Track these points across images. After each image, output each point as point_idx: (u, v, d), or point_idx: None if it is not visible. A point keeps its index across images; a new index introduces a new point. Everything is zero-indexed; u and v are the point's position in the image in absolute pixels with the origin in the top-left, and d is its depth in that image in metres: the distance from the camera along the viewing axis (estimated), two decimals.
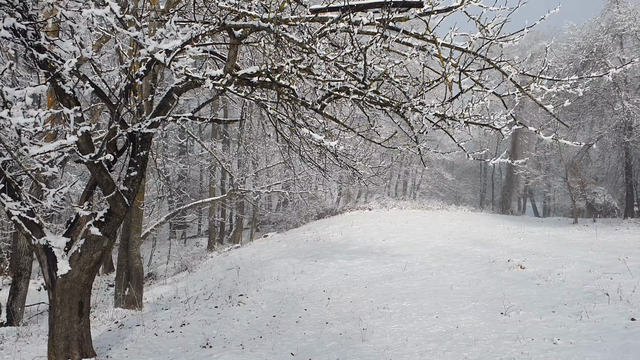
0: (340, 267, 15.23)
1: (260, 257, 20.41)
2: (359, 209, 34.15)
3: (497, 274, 12.19)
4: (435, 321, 8.26)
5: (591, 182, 31.63)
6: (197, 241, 41.12)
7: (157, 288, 19.36)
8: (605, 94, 28.90)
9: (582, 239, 19.41)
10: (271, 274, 14.70)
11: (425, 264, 14.72)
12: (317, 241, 21.87)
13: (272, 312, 9.69)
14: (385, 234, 22.17)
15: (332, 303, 10.24)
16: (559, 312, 8.22)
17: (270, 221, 40.54)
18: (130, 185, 6.70)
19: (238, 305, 10.10)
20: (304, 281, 13.05)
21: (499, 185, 51.20)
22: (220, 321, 8.89)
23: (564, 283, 10.52)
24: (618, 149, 29.68)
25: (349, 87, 6.40)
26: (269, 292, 11.64)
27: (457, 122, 7.03)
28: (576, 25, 31.41)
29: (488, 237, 20.24)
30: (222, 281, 15.49)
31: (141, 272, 12.16)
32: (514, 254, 15.07)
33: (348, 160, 9.56)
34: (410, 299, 10.01)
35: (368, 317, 8.79)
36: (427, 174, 45.45)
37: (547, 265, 12.80)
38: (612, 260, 12.88)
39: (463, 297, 9.95)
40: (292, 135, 9.22)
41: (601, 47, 28.62)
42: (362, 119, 10.30)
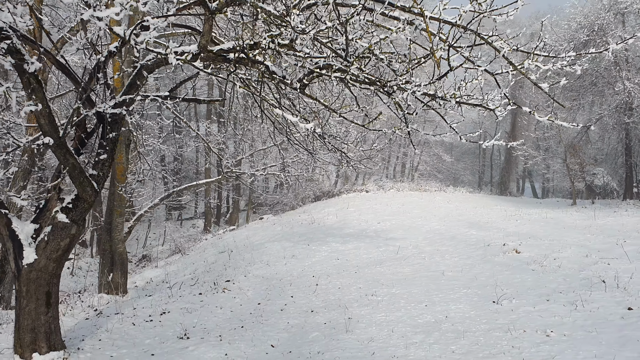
0: (332, 251, 14.93)
1: (254, 240, 20.11)
2: (356, 191, 33.81)
3: (491, 258, 11.87)
4: (424, 310, 7.94)
5: (590, 163, 31.24)
6: (193, 223, 40.93)
7: (148, 271, 19.09)
8: (606, 73, 28.34)
9: (580, 222, 19.06)
10: (262, 258, 14.40)
11: (419, 248, 14.41)
12: (311, 224, 21.57)
13: (257, 299, 9.38)
14: (381, 216, 21.86)
15: (320, 289, 9.93)
16: (553, 300, 7.90)
17: (266, 203, 40.26)
18: (99, 169, 6.32)
19: (223, 292, 9.80)
20: (294, 266, 12.74)
21: (497, 166, 50.82)
22: (202, 309, 8.58)
23: (560, 269, 10.20)
24: (618, 129, 29.25)
25: (332, 65, 5.99)
26: (257, 278, 11.34)
27: (448, 102, 6.65)
28: (577, 3, 30.73)
29: (485, 220, 19.92)
30: (213, 265, 15.20)
31: (125, 257, 11.82)
32: (509, 237, 14.75)
33: (337, 143, 9.19)
34: (400, 286, 9.70)
35: (355, 305, 8.47)
36: (426, 156, 45.06)
37: (543, 249, 12.48)
38: (609, 245, 12.55)
39: (455, 283, 9.63)
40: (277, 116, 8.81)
41: (602, 25, 28.00)
42: (356, 99, 9.90)
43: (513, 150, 37.66)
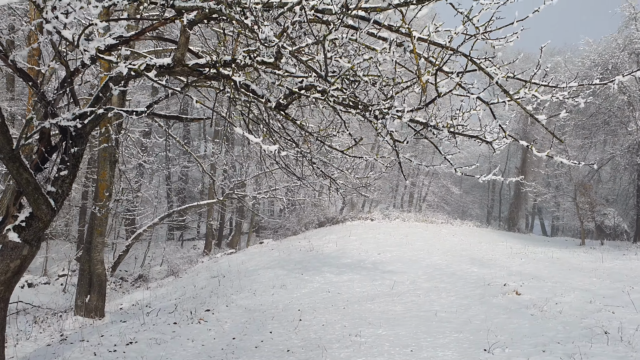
0: (325, 282, 14.32)
1: (249, 265, 19.56)
2: (360, 218, 33.24)
3: (489, 299, 11.21)
4: (408, 356, 7.31)
5: (601, 203, 30.46)
6: (194, 244, 40.39)
7: (137, 293, 18.59)
8: (619, 113, 27.81)
9: (587, 264, 18.32)
10: (251, 286, 13.83)
11: (416, 284, 13.78)
12: (309, 251, 20.98)
13: (233, 334, 8.79)
14: (382, 247, 21.23)
15: (302, 326, 9.31)
16: (549, 352, 7.24)
17: (269, 227, 39.75)
18: (58, 186, 5.85)
19: (199, 322, 9.22)
20: (282, 297, 12.14)
21: (507, 201, 49.99)
22: (172, 341, 8.02)
23: (561, 315, 9.53)
24: (630, 170, 28.57)
25: (316, 85, 5.54)
26: (239, 308, 10.76)
27: (441, 132, 6.17)
28: (592, 42, 30.39)
29: (488, 256, 19.23)
30: (201, 291, 14.65)
31: (104, 278, 11.30)
32: (511, 277, 14.06)
33: (328, 169, 8.71)
34: (388, 326, 9.07)
35: (335, 347, 7.86)
36: (434, 186, 44.49)
37: (546, 292, 11.80)
38: (616, 291, 11.85)
39: (447, 326, 8.98)
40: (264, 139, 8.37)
41: (617, 64, 27.58)
42: (344, 124, 9.38)
43: (522, 186, 36.94)
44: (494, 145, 6.16)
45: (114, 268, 27.46)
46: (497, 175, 6.60)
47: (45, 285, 23.60)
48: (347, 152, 5.92)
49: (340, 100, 5.21)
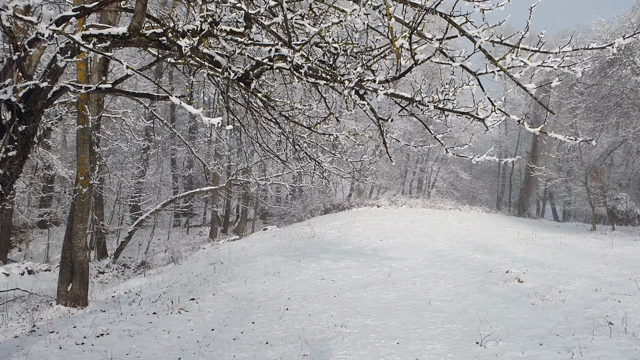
0: (321, 269, 13.86)
1: (248, 252, 19.16)
2: (366, 205, 32.69)
3: (489, 287, 10.67)
4: (394, 349, 6.82)
5: (613, 187, 29.67)
6: (200, 230, 40.15)
7: (133, 280, 18.28)
8: (632, 94, 26.88)
9: (595, 249, 17.67)
10: (245, 273, 13.40)
11: (415, 270, 13.27)
12: (311, 238, 20.52)
13: (213, 324, 8.35)
14: (385, 233, 20.71)
15: (288, 315, 8.85)
16: (547, 345, 6.72)
17: (275, 213, 39.40)
18: (6, 167, 5.40)
19: (179, 312, 8.79)
20: (273, 285, 11.70)
21: (517, 186, 49.11)
22: (147, 333, 7.59)
23: (563, 304, 8.98)
24: None
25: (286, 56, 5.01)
26: (226, 297, 10.32)
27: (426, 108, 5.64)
28: (604, 22, 29.36)
29: (494, 242, 18.64)
30: (195, 278, 14.27)
31: (86, 266, 10.90)
32: (515, 264, 13.50)
33: (313, 152, 8.19)
34: (377, 315, 8.58)
35: (317, 338, 7.38)
36: (444, 172, 43.75)
37: (549, 279, 11.23)
38: (624, 278, 11.25)
39: (440, 316, 8.48)
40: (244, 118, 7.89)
41: (630, 44, 26.58)
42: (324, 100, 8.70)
43: (532, 171, 36.12)
44: (486, 123, 5.60)
45: (117, 255, 27.28)
46: (492, 155, 6.09)
47: (45, 272, 23.36)
48: (314, 129, 5.38)
49: (306, 69, 4.67)
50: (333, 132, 5.94)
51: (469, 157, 6.11)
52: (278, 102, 5.39)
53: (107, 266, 26.98)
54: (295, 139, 7.62)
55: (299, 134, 7.74)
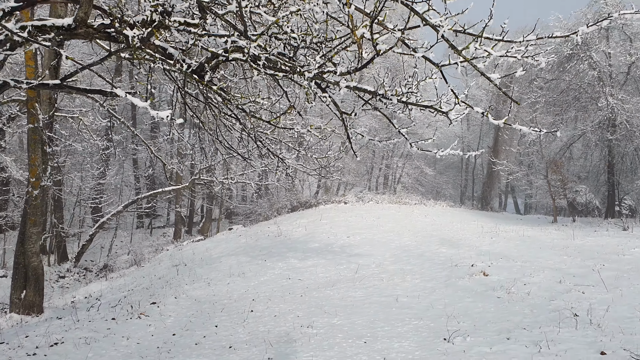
0: (288, 268, 13.65)
1: (213, 253, 18.79)
2: (334, 202, 32.58)
3: (455, 282, 10.66)
4: (362, 348, 6.67)
5: (573, 180, 30.34)
6: (164, 231, 39.37)
7: (94, 284, 17.74)
8: (590, 89, 27.51)
9: (558, 241, 17.94)
10: (209, 275, 13.08)
11: (382, 267, 13.20)
12: (277, 237, 20.27)
13: (174, 329, 8.05)
14: (352, 230, 20.62)
15: (252, 318, 8.61)
16: (514, 339, 6.68)
17: (241, 213, 38.94)
18: None
19: (139, 317, 8.46)
20: (238, 286, 11.43)
21: (480, 180, 49.84)
22: (105, 340, 7.25)
23: (529, 297, 9.01)
24: (601, 146, 28.42)
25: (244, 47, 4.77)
26: (189, 300, 10.01)
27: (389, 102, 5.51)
28: (562, 18, 29.95)
29: (458, 236, 18.75)
30: (158, 281, 13.87)
31: (41, 271, 10.43)
32: (480, 257, 13.56)
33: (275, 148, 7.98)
34: (344, 314, 8.43)
35: (283, 340, 7.18)
36: (409, 168, 44.05)
37: (514, 272, 11.30)
38: (586, 269, 11.39)
39: (407, 312, 8.38)
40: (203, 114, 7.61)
41: (586, 39, 27.21)
42: (286, 94, 8.46)
43: (494, 165, 36.66)
44: (450, 116, 5.50)
45: (78, 258, 26.52)
46: (456, 149, 6.02)
47: (2, 279, 22.47)
48: (274, 123, 5.17)
49: (264, 60, 4.45)
50: (294, 127, 5.73)
51: (433, 151, 6.03)
52: (235, 95, 5.15)
53: (67, 270, 26.18)
54: (256, 135, 7.40)
55: (261, 130, 7.52)
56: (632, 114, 25.60)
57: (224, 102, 5.18)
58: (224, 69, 7.49)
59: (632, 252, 13.09)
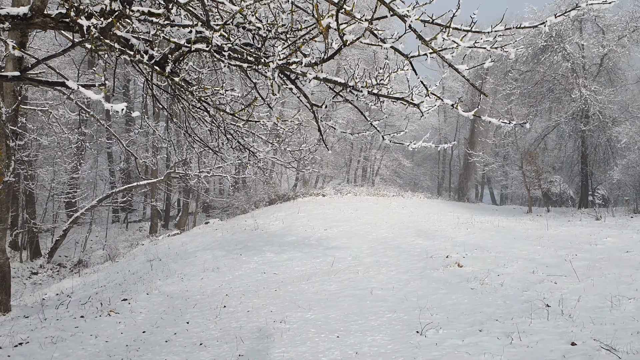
0: (263, 262, 13.54)
1: (188, 247, 18.56)
2: (312, 195, 32.50)
3: (430, 273, 10.68)
4: (334, 343, 6.61)
5: (547, 170, 30.72)
6: (140, 226, 38.92)
7: (66, 281, 17.41)
8: (563, 80, 27.84)
9: (532, 231, 18.13)
10: (183, 270, 12.91)
11: (358, 259, 13.17)
12: (254, 230, 20.13)
13: (145, 326, 7.91)
14: (330, 222, 20.58)
15: (225, 313, 8.50)
16: (487, 331, 6.68)
17: (218, 206, 38.66)
18: None
19: (108, 315, 8.28)
20: (212, 281, 11.29)
21: (456, 172, 50.23)
22: (72, 339, 7.08)
23: (502, 288, 9.06)
24: (574, 137, 28.81)
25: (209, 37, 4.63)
26: (161, 296, 9.85)
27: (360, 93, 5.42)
28: (536, 9, 30.17)
29: (434, 228, 18.84)
30: (131, 276, 13.66)
31: (7, 269, 10.16)
32: (455, 248, 13.63)
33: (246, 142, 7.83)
34: (318, 308, 8.37)
35: (254, 337, 7.09)
36: (387, 160, 44.13)
37: (488, 263, 11.37)
38: (559, 259, 11.51)
39: (381, 305, 8.35)
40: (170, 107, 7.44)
41: (560, 31, 27.48)
42: (255, 86, 8.29)
43: (470, 157, 36.95)
44: (421, 108, 5.44)
45: (51, 254, 26.06)
46: (428, 141, 5.96)
47: None
48: (237, 115, 5.05)
49: (227, 50, 4.32)
50: (261, 120, 5.61)
51: (405, 143, 5.97)
52: (199, 87, 5.01)
53: (40, 266, 25.73)
54: (226, 128, 7.25)
55: (231, 122, 7.37)
56: (605, 105, 25.98)
57: (187, 94, 5.03)
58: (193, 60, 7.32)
59: (604, 241, 13.26)
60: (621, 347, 5.70)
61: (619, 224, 17.53)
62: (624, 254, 11.28)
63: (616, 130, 23.76)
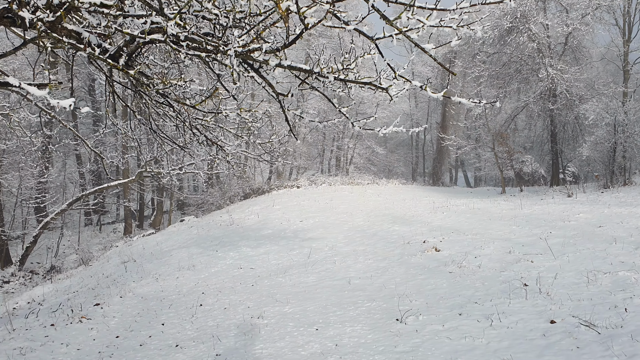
0: (240, 257, 13.34)
1: (164, 246, 18.24)
2: (286, 187, 32.31)
3: (408, 259, 10.63)
4: (313, 336, 6.48)
5: (519, 151, 31.05)
6: (114, 227, 38.25)
7: (38, 288, 16.93)
8: (530, 60, 28.09)
9: (506, 211, 18.27)
10: (158, 270, 12.64)
11: (335, 249, 13.06)
12: (230, 225, 19.92)
13: (118, 331, 7.67)
14: (306, 214, 20.46)
15: (202, 312, 8.30)
16: (467, 314, 6.64)
17: (192, 203, 38.18)
18: None
19: (80, 321, 8.01)
20: (188, 280, 11.05)
21: (430, 157, 50.51)
22: (42, 349, 6.81)
23: (480, 270, 9.05)
24: (543, 116, 29.12)
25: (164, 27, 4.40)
26: (135, 298, 9.59)
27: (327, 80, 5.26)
28: None
29: (411, 213, 18.85)
30: (105, 280, 13.32)
31: None
32: (432, 233, 13.62)
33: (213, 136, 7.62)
34: (296, 301, 8.23)
35: (232, 334, 6.92)
36: (360, 148, 44.07)
37: (465, 245, 11.38)
38: (534, 238, 11.57)
39: (360, 295, 8.26)
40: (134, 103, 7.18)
41: (525, 12, 27.62)
42: (218, 78, 8.07)
43: (442, 141, 37.15)
44: (390, 92, 5.30)
45: (22, 261, 25.42)
46: (399, 126, 5.84)
47: None
48: (198, 107, 4.85)
49: (183, 39, 4.12)
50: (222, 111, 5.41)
51: (376, 129, 5.85)
52: (156, 80, 4.79)
53: (12, 274, 25.07)
54: (192, 123, 7.02)
55: (196, 116, 7.15)
56: (571, 83, 26.30)
57: (145, 87, 4.81)
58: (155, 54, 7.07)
59: (576, 217, 13.40)
60: (600, 322, 5.70)
61: (590, 199, 17.77)
62: (597, 229, 11.39)
63: (583, 107, 24.05)
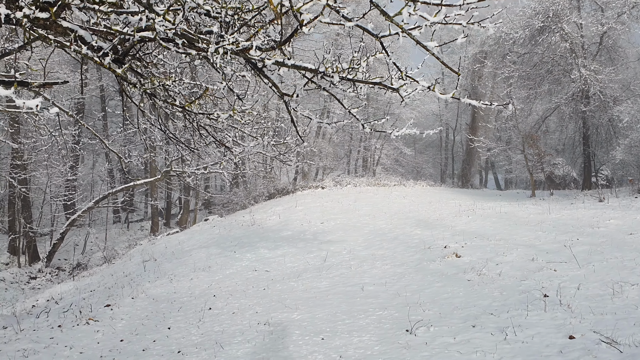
0: (256, 259, 13.18)
1: (185, 246, 18.25)
2: (311, 187, 32.12)
3: (426, 265, 10.29)
4: (319, 346, 6.23)
5: (550, 153, 30.19)
6: (142, 225, 38.69)
7: (61, 285, 17.16)
8: (562, 61, 27.23)
9: (534, 216, 17.68)
10: (175, 270, 12.57)
11: (353, 253, 12.79)
12: (251, 226, 19.82)
13: (124, 333, 7.56)
14: (328, 215, 20.23)
15: (209, 316, 8.14)
16: (480, 326, 6.30)
17: (217, 203, 38.37)
18: None
19: (87, 323, 7.92)
20: (201, 281, 10.93)
21: (459, 158, 49.67)
22: (45, 351, 6.73)
23: (499, 278, 8.67)
24: (575, 118, 28.22)
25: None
26: (146, 300, 9.50)
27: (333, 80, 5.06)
28: None
29: (435, 216, 18.42)
30: (123, 279, 13.34)
31: None
32: (454, 238, 13.23)
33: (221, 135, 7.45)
34: (306, 307, 7.99)
35: (236, 341, 6.72)
36: (387, 149, 43.59)
37: (487, 252, 10.97)
38: (559, 245, 11.08)
39: (372, 302, 7.97)
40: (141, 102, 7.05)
41: (557, 11, 26.79)
42: (224, 76, 7.83)
43: (472, 142, 36.40)
44: (401, 93, 5.07)
45: (49, 258, 25.85)
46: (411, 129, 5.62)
47: None
48: (189, 108, 4.66)
49: (172, 37, 3.93)
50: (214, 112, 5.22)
51: (388, 132, 5.63)
52: (153, 79, 4.62)
53: (39, 271, 25.53)
54: (198, 122, 6.87)
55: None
56: (605, 84, 25.39)
57: (134, 86, 4.65)
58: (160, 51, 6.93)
59: (606, 224, 12.83)
60: (622, 339, 5.31)
61: (623, 204, 17.05)
62: (628, 237, 10.85)
63: (617, 109, 23.19)
